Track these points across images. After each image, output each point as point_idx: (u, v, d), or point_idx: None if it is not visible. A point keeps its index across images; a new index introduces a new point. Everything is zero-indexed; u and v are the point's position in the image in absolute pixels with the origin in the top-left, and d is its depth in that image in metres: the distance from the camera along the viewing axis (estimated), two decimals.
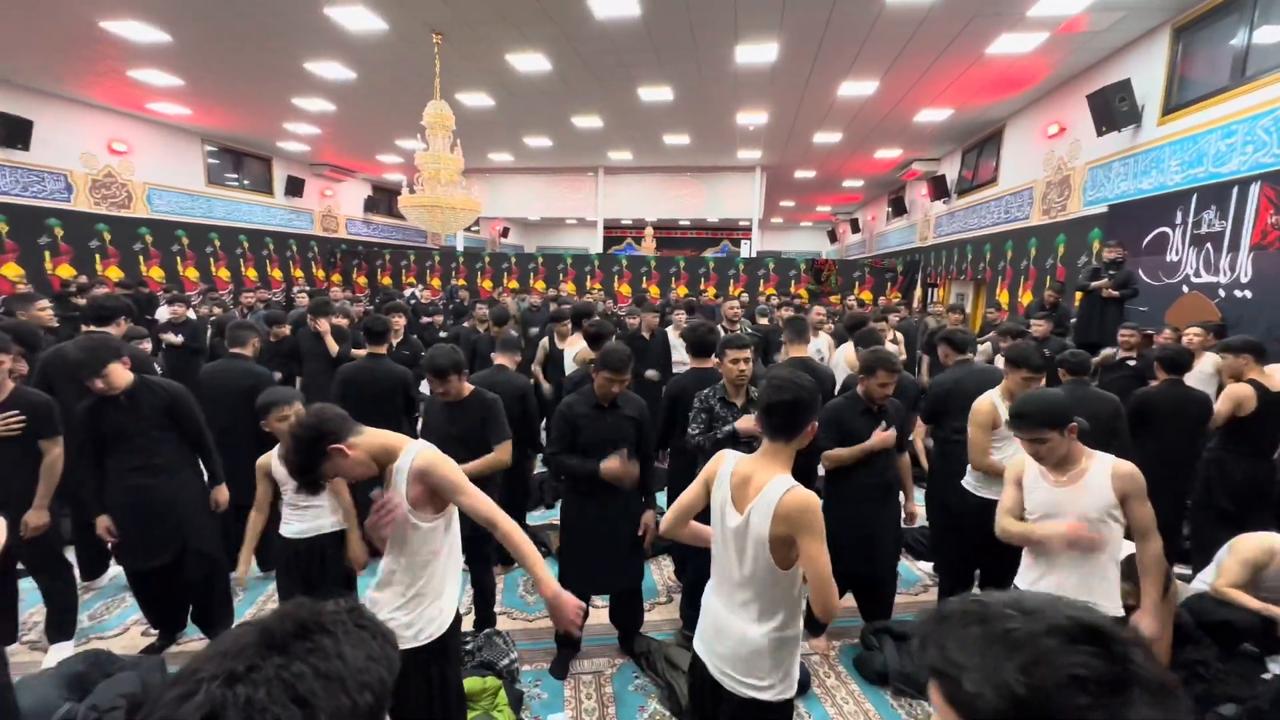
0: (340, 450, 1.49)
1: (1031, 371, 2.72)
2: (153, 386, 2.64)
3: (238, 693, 0.44)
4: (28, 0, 6.26)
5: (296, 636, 0.49)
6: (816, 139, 11.53)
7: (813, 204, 20.18)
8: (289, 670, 0.46)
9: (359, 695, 0.48)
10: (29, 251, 9.39)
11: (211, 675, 0.46)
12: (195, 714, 0.43)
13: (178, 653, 2.84)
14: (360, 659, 0.49)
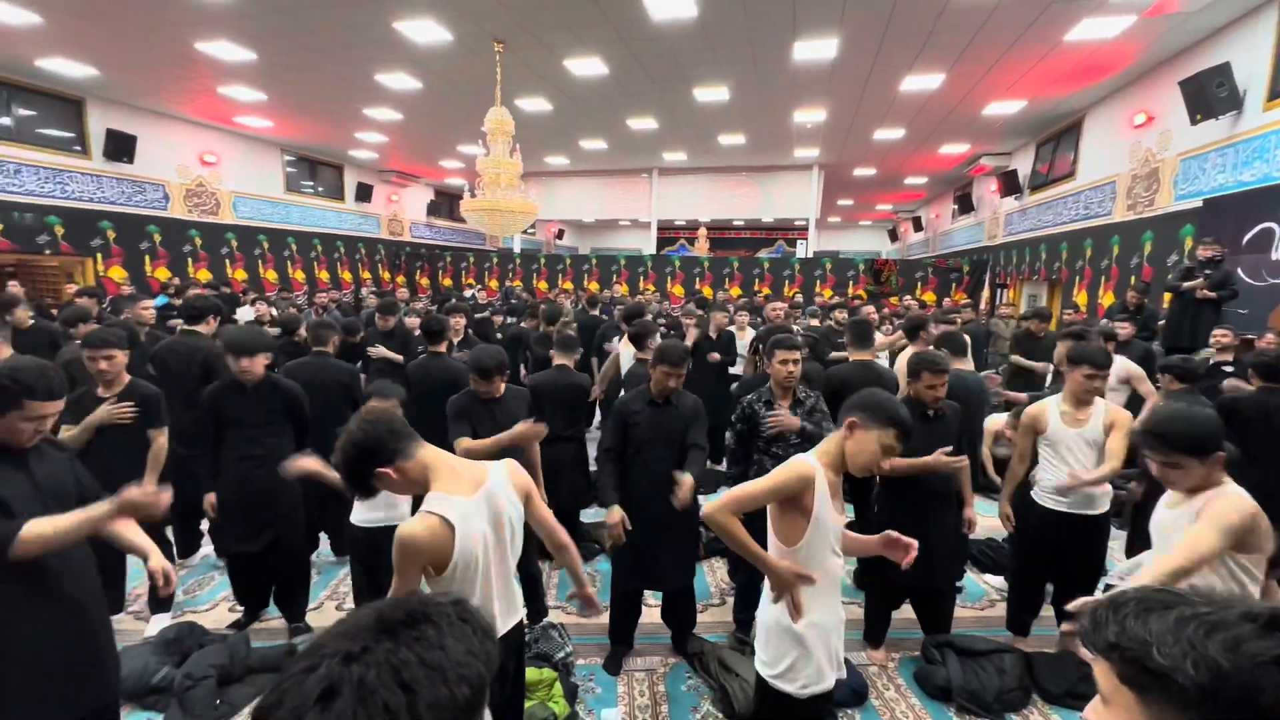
0: (387, 475, 1.46)
1: (1094, 369, 2.59)
2: (279, 383, 2.88)
3: (353, 671, 0.47)
4: (135, 26, 6.85)
5: (405, 624, 0.52)
6: (877, 136, 11.18)
7: (872, 202, 19.58)
8: (397, 656, 0.49)
9: (457, 687, 0.50)
10: (132, 255, 10.27)
11: (332, 653, 0.49)
12: (316, 687, 0.46)
13: (259, 629, 3.04)
14: (461, 652, 0.51)
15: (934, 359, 2.72)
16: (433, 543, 1.42)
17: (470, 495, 1.51)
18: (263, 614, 3.13)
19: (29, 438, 1.61)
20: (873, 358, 3.50)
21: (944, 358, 2.77)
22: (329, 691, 0.46)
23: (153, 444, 2.83)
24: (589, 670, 2.81)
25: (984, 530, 4.25)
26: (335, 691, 0.46)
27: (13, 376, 1.56)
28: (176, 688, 2.43)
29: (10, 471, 1.59)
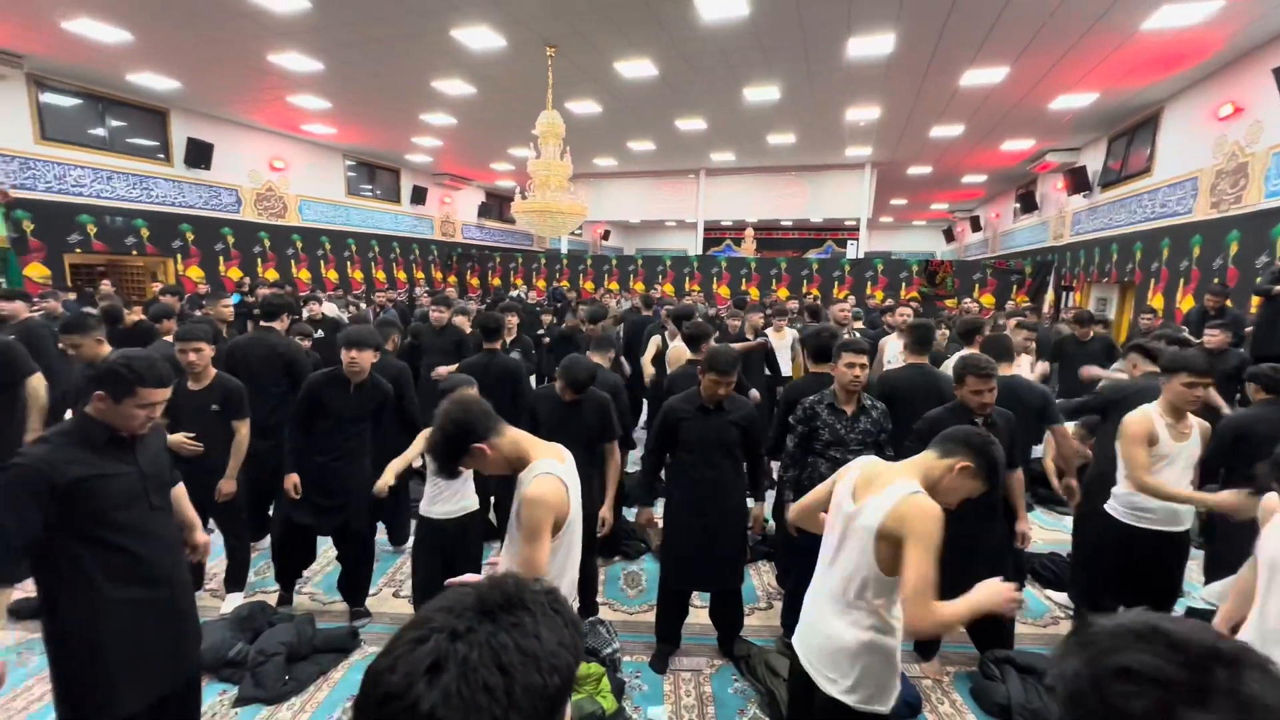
0: (483, 450, 1.56)
1: (1195, 376, 2.42)
2: (379, 383, 3.02)
3: (457, 649, 0.50)
4: (215, 40, 7.30)
5: (503, 608, 0.54)
6: (934, 132, 10.82)
7: (927, 201, 18.95)
8: (496, 639, 0.51)
9: (549, 676, 0.51)
10: (208, 256, 10.94)
11: (439, 627, 0.52)
12: (425, 659, 0.49)
13: (323, 611, 3.19)
14: (553, 642, 0.52)
15: (979, 363, 2.60)
16: (558, 499, 1.54)
17: (565, 464, 1.63)
18: (330, 601, 3.28)
19: (141, 424, 1.73)
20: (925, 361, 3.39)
21: (990, 362, 2.66)
22: (436, 665, 0.49)
23: (236, 434, 3.01)
24: (635, 667, 2.83)
25: (1045, 543, 4.07)
26: (441, 666, 0.49)
27: (128, 365, 1.68)
28: (250, 662, 2.58)
29: (116, 461, 1.70)
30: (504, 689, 0.49)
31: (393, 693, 0.48)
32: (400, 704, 0.47)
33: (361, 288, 13.63)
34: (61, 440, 1.65)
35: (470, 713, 0.47)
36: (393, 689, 0.48)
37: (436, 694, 0.47)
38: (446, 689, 0.47)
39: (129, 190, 9.74)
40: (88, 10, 6.52)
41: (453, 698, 0.47)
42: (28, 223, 8.48)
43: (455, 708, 0.47)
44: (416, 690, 0.47)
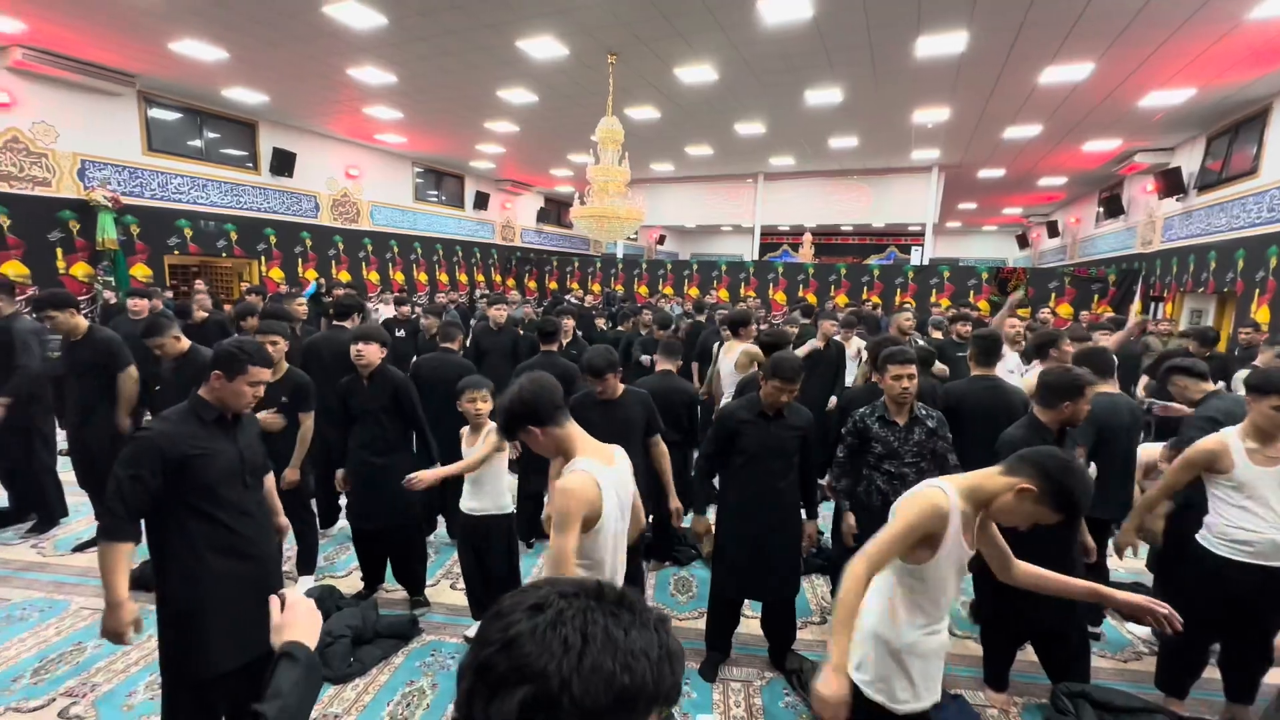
0: (534, 434, 1.66)
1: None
2: (386, 372, 3.15)
3: (558, 602, 0.57)
4: (300, 56, 7.79)
5: (614, 601, 0.59)
6: (1008, 134, 10.31)
7: (999, 205, 18.04)
8: (591, 613, 0.56)
9: (620, 670, 0.53)
10: (288, 258, 11.66)
11: (556, 588, 0.60)
12: (532, 598, 0.58)
13: (385, 599, 3.33)
14: (638, 646, 0.55)
15: (1073, 379, 2.45)
16: (588, 495, 1.56)
17: (609, 467, 1.67)
18: (379, 587, 3.42)
19: (248, 402, 1.94)
20: (992, 373, 3.22)
21: (1085, 377, 2.49)
22: (537, 606, 0.57)
23: (301, 425, 3.19)
24: (684, 674, 2.81)
25: (1128, 572, 3.78)
26: (541, 609, 0.56)
27: (240, 347, 1.91)
28: (319, 643, 2.72)
29: (222, 441, 1.89)
30: (578, 651, 0.53)
31: (501, 611, 0.58)
32: (501, 622, 0.56)
33: (425, 290, 14.19)
34: (176, 418, 1.86)
35: (544, 653, 0.53)
36: (502, 609, 0.58)
37: (527, 624, 0.55)
38: (535, 625, 0.55)
39: (221, 197, 10.52)
40: (192, 33, 7.10)
41: (537, 633, 0.54)
42: (135, 227, 9.28)
43: (535, 641, 0.53)
44: (515, 615, 0.56)
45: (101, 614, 1.77)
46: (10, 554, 3.68)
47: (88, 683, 2.59)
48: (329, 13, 6.40)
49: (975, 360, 3.21)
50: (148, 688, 2.54)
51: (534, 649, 0.53)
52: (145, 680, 2.60)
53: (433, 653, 2.88)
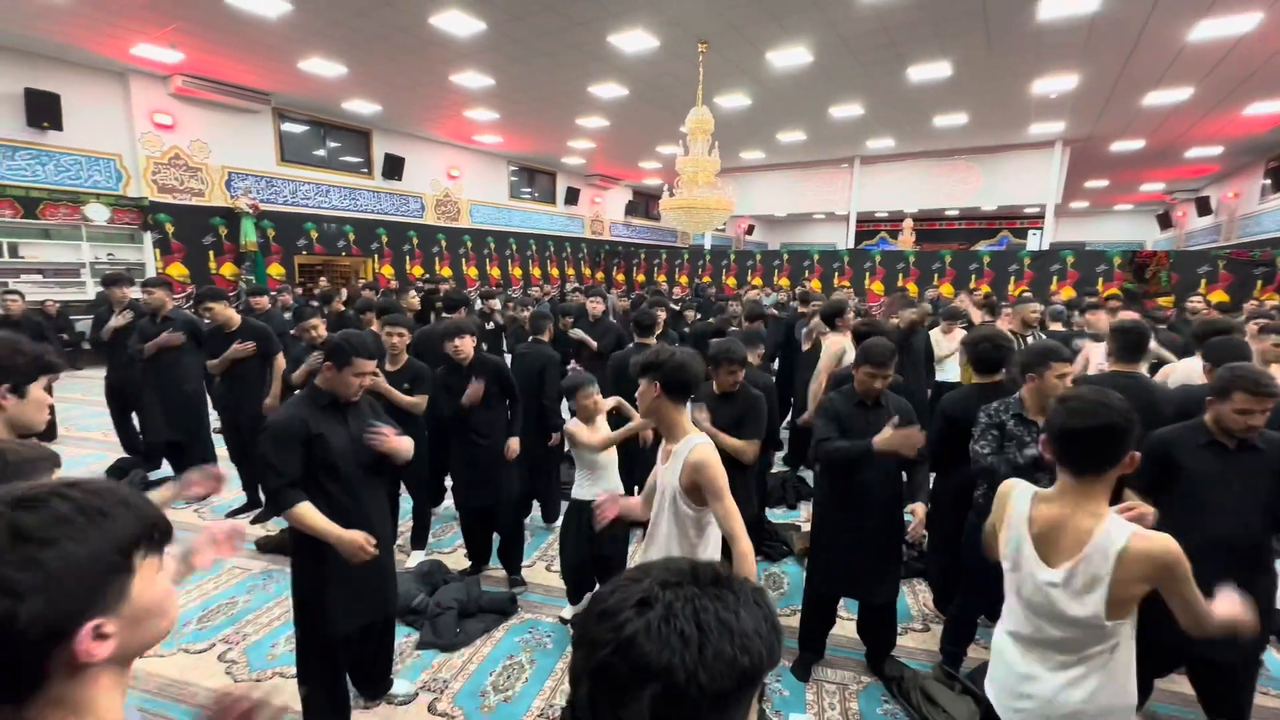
0: (660, 399, 1.77)
1: None
2: (482, 358, 3.32)
3: (664, 594, 0.56)
4: (409, 67, 8.34)
5: (711, 582, 0.59)
6: (1150, 100, 9.15)
7: (1135, 182, 16.09)
8: (699, 601, 0.56)
9: (739, 653, 0.54)
10: (397, 256, 12.56)
11: (654, 577, 0.59)
12: (636, 593, 0.57)
13: (486, 576, 3.52)
14: (750, 626, 0.56)
15: (1255, 377, 2.09)
16: (719, 460, 1.72)
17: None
18: (485, 566, 3.62)
19: (355, 392, 2.11)
20: (1136, 369, 2.86)
21: (1273, 378, 2.11)
22: (644, 601, 0.56)
23: (415, 408, 3.43)
24: (776, 671, 2.77)
25: None
26: (649, 604, 0.56)
27: (346, 340, 2.08)
28: (429, 612, 2.94)
29: (336, 424, 2.09)
30: (697, 642, 0.53)
31: (607, 611, 0.56)
32: (610, 622, 0.55)
33: (519, 284, 14.80)
34: (297, 404, 2.09)
35: (664, 650, 0.52)
36: (607, 608, 0.57)
37: (641, 623, 0.54)
38: (649, 622, 0.54)
39: (341, 201, 11.50)
40: (318, 51, 7.79)
41: (653, 630, 0.53)
42: (271, 230, 10.36)
43: (652, 639, 0.53)
44: (625, 614, 0.55)
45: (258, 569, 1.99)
46: (178, 517, 4.25)
47: (240, 632, 2.95)
48: (435, 23, 6.80)
49: (1116, 355, 2.86)
50: (287, 640, 2.85)
51: (653, 647, 0.53)
52: (285, 634, 2.91)
53: (530, 630, 3.02)
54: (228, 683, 2.61)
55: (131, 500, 0.66)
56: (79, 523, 0.60)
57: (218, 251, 9.74)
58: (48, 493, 0.61)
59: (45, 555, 0.57)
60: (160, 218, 9.03)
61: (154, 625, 0.68)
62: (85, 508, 0.61)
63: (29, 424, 1.43)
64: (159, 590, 0.68)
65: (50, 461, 1.12)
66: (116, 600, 0.63)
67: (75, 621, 0.59)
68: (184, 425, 4.39)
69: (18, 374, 1.40)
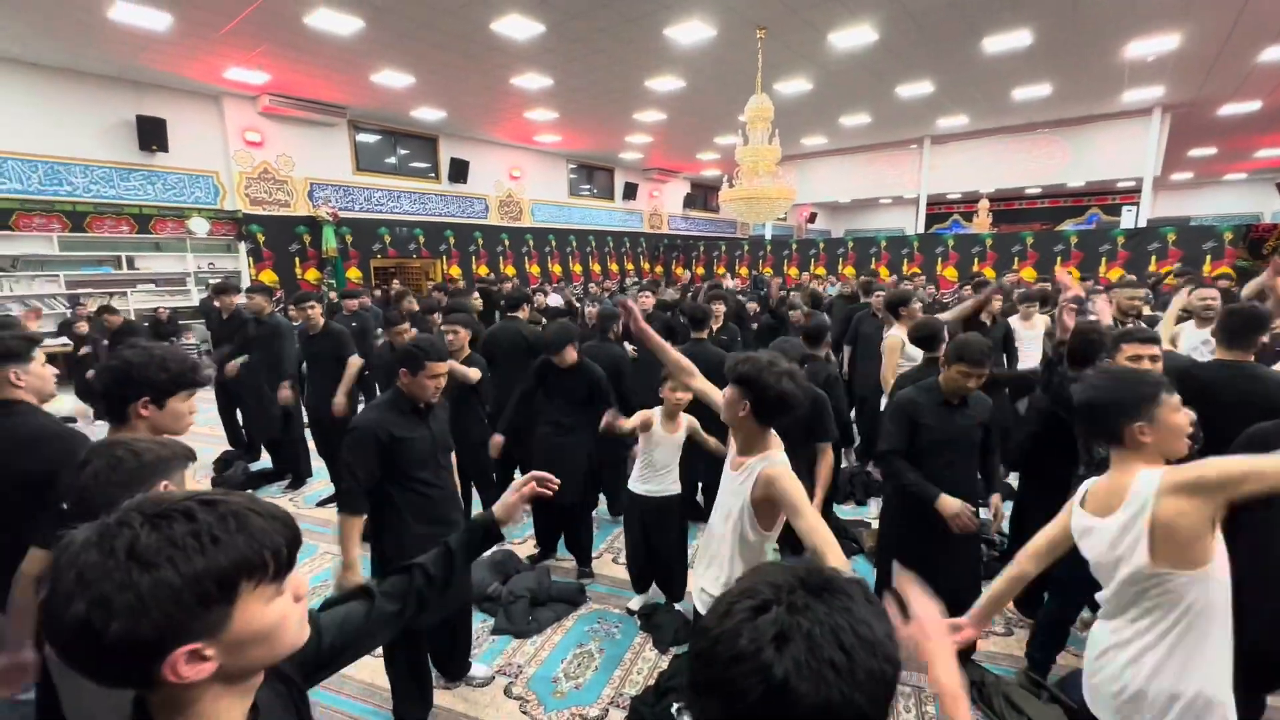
0: (747, 412, 1.68)
1: None
2: (586, 365, 3.38)
3: (800, 622, 0.52)
4: (472, 72, 8.60)
5: (826, 590, 0.55)
6: (1267, 55, 8.22)
7: (1249, 148, 14.50)
8: (834, 619, 0.52)
9: (883, 664, 0.52)
10: (464, 257, 13.03)
11: (778, 600, 0.54)
12: (769, 629, 0.52)
13: (554, 565, 3.63)
14: (882, 632, 0.53)
15: None
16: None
17: None
18: (553, 555, 3.73)
19: (432, 394, 2.22)
20: (1247, 359, 2.59)
21: None
22: (781, 636, 0.52)
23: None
24: None
25: None
26: (787, 637, 0.51)
27: (418, 345, 2.20)
28: (503, 600, 3.06)
29: (418, 425, 2.22)
30: (848, 668, 0.50)
31: (742, 654, 0.51)
32: (750, 665, 0.51)
33: (580, 280, 15.03)
34: (383, 407, 2.21)
35: (820, 685, 0.49)
36: (741, 651, 0.52)
37: (788, 662, 0.50)
38: (797, 659, 0.50)
39: (411, 205, 12.04)
40: (388, 64, 8.17)
41: (803, 668, 0.50)
42: (349, 236, 10.98)
43: (805, 678, 0.50)
44: (766, 655, 0.51)
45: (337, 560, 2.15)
46: None
47: None
48: (496, 29, 6.98)
49: (1221, 340, 2.61)
50: None
51: (810, 687, 0.49)
52: None
53: (599, 620, 3.09)
54: None
55: (256, 527, 0.64)
56: (189, 549, 0.60)
57: (302, 258, 10.42)
58: (181, 510, 0.62)
59: (143, 580, 0.58)
60: (252, 228, 9.75)
61: (262, 650, 0.67)
62: (201, 532, 0.61)
63: (169, 431, 1.58)
64: (269, 618, 0.66)
65: (184, 459, 1.22)
66: (215, 627, 0.62)
67: (165, 645, 0.59)
68: (278, 423, 4.75)
69: (158, 388, 1.54)
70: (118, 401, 1.53)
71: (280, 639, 0.68)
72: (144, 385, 1.52)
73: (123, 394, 1.52)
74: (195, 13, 6.43)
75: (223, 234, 9.60)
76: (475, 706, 2.49)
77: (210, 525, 0.62)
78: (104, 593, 0.57)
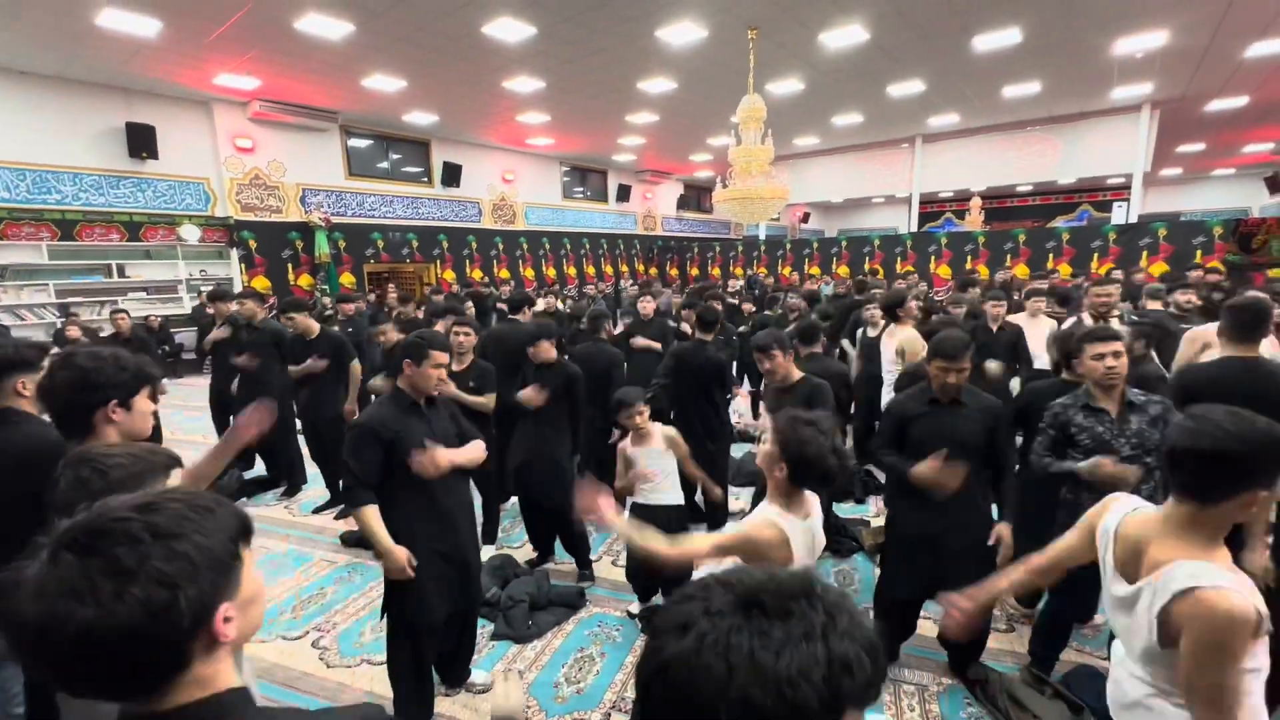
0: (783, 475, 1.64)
1: None
2: (562, 363, 3.40)
3: (702, 624, 0.52)
4: (464, 76, 8.58)
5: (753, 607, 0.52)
6: (1254, 51, 8.29)
7: (1237, 143, 14.63)
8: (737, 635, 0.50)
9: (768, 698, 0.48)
10: (458, 260, 12.99)
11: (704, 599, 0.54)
12: (679, 618, 0.53)
13: (552, 569, 3.60)
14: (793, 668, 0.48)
15: None
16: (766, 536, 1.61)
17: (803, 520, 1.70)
18: (550, 558, 3.70)
19: (434, 385, 2.22)
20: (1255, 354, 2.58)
21: None
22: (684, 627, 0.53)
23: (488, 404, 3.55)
24: None
25: None
26: (688, 629, 0.52)
27: (420, 335, 2.21)
28: (502, 604, 3.03)
29: (419, 422, 2.19)
30: (723, 680, 0.48)
31: (656, 628, 0.55)
32: (654, 643, 0.54)
33: (574, 282, 15.02)
34: (384, 404, 2.21)
35: (697, 673, 0.50)
36: (657, 626, 0.55)
37: (674, 648, 0.52)
38: (681, 649, 0.51)
39: (404, 210, 12.00)
40: (379, 68, 8.15)
41: (687, 656, 0.51)
42: (342, 241, 10.93)
43: (689, 666, 0.50)
44: (666, 639, 0.53)
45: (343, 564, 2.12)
46: (270, 513, 4.57)
47: (330, 621, 3.14)
48: (487, 31, 6.97)
49: (1228, 336, 2.59)
50: (372, 629, 3.02)
51: (685, 676, 0.50)
52: (370, 623, 3.08)
53: (599, 624, 3.07)
54: (321, 668, 2.78)
55: (223, 499, 0.72)
56: (197, 519, 0.66)
57: (295, 264, 10.36)
58: (159, 497, 0.67)
59: (184, 547, 0.63)
60: (244, 235, 9.69)
61: (255, 610, 0.74)
62: (195, 505, 0.67)
63: (139, 433, 1.54)
64: (257, 579, 0.74)
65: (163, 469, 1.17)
66: (235, 587, 0.69)
67: (215, 605, 0.65)
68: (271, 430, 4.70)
69: (123, 388, 1.49)
70: (81, 412, 1.46)
71: (263, 598, 0.76)
72: (109, 388, 1.46)
73: (87, 402, 1.45)
74: (184, 19, 6.39)
75: (214, 241, 9.54)
76: (476, 714, 2.46)
77: (195, 499, 0.69)
78: (156, 569, 0.61)
